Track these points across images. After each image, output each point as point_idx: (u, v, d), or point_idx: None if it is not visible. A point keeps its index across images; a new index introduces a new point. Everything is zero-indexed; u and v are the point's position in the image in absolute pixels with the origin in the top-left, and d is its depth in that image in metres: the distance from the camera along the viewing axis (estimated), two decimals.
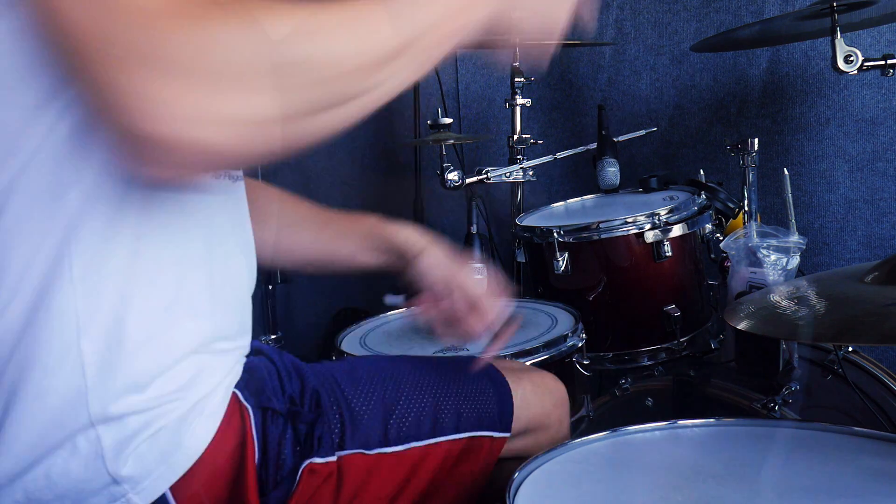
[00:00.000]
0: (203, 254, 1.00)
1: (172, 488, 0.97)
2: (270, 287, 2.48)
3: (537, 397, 1.32)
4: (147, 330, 0.93)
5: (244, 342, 1.10)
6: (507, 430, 1.26)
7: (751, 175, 1.93)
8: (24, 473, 0.92)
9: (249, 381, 1.08)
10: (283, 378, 1.13)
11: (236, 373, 1.07)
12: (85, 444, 0.92)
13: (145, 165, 0.70)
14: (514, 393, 1.29)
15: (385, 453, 1.14)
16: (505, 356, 1.54)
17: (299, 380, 1.14)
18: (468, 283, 1.31)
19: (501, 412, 1.26)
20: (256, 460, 1.03)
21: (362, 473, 1.11)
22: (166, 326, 0.95)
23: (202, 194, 0.99)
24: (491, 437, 1.24)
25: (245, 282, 1.10)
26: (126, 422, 0.93)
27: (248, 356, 1.13)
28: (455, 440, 1.20)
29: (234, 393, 1.05)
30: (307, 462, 1.06)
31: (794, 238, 1.72)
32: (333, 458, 1.09)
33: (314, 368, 1.20)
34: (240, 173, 1.10)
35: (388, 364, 1.29)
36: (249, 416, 1.04)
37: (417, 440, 1.17)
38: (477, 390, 1.26)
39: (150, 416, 0.95)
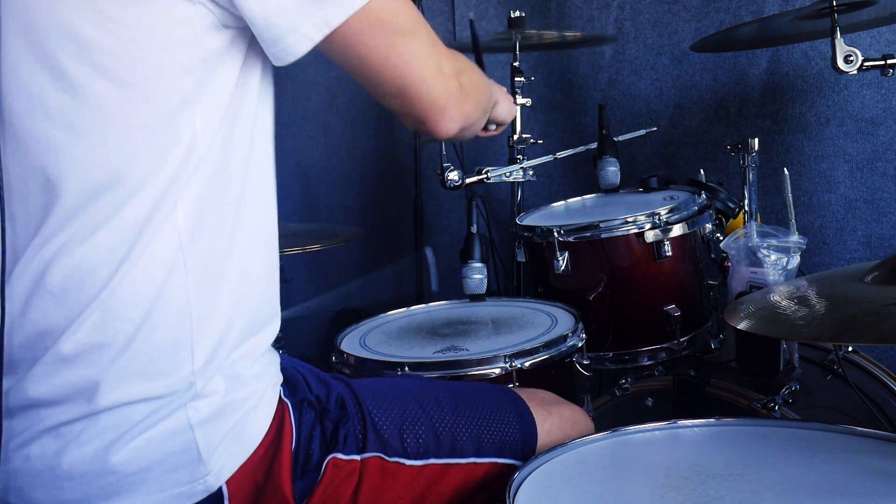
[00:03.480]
0: (275, 254, 1.15)
1: None
2: None
3: (564, 431, 1.34)
4: (243, 305, 1.07)
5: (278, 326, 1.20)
6: None
7: (751, 175, 1.93)
8: (114, 443, 0.98)
9: (287, 382, 1.16)
10: (308, 381, 1.19)
11: (280, 374, 1.16)
12: (181, 415, 1.00)
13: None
14: (541, 425, 1.31)
15: (404, 464, 1.18)
16: (506, 356, 1.54)
17: (324, 385, 1.20)
18: None
19: (525, 441, 1.28)
20: (292, 449, 1.09)
21: (380, 478, 1.15)
22: (259, 303, 1.11)
23: (274, 190, 1.15)
24: (513, 465, 1.25)
25: None
26: (215, 400, 1.03)
27: None
28: (475, 464, 1.22)
29: (279, 389, 1.13)
30: (331, 456, 1.12)
31: (794, 238, 1.72)
32: (357, 458, 1.14)
33: (335, 379, 1.24)
34: None
35: (409, 383, 1.34)
36: (289, 409, 1.12)
37: (437, 457, 1.20)
38: (500, 418, 1.28)
39: (232, 399, 1.04)
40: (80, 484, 0.98)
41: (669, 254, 1.82)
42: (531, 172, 2.17)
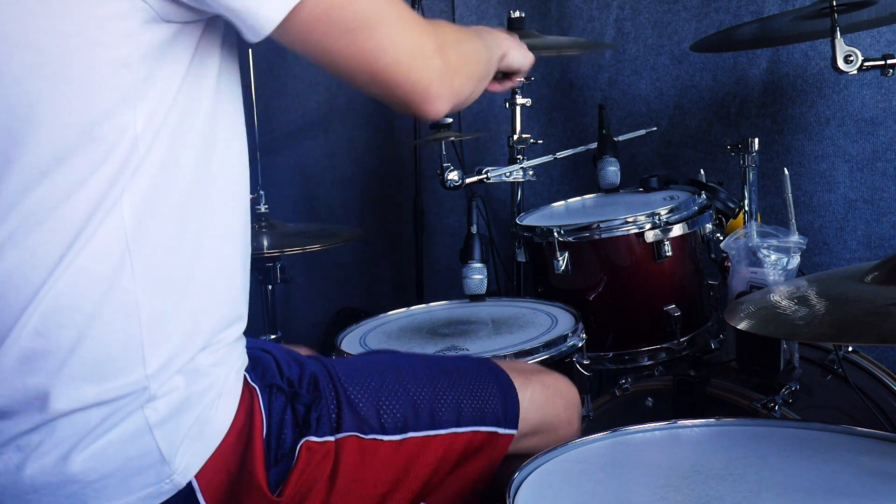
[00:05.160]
0: (244, 246, 1.13)
1: None
2: (270, 287, 2.48)
3: (547, 399, 1.33)
4: (199, 310, 1.05)
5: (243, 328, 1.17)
6: (513, 426, 1.26)
7: (751, 175, 1.93)
8: (72, 451, 0.97)
9: (255, 365, 1.14)
10: (280, 364, 1.17)
11: (245, 356, 1.13)
12: (138, 417, 0.99)
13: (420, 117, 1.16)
14: (522, 393, 1.30)
15: (382, 441, 1.16)
16: (506, 356, 1.54)
17: (298, 366, 1.18)
18: None
19: (506, 408, 1.27)
20: (263, 436, 1.08)
21: (357, 457, 1.14)
22: (217, 307, 1.08)
23: (244, 189, 1.12)
24: (496, 433, 1.24)
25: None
26: (174, 397, 1.01)
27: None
28: (457, 434, 1.21)
29: (244, 374, 1.11)
30: (304, 440, 1.10)
31: (795, 238, 1.72)
32: (331, 439, 1.13)
33: (311, 358, 1.23)
34: None
35: (387, 357, 1.33)
36: (258, 395, 1.10)
37: (415, 430, 1.19)
38: (479, 387, 1.27)
39: (192, 392, 1.02)
40: (45, 495, 0.97)
41: (669, 254, 1.82)
42: (531, 172, 2.17)
